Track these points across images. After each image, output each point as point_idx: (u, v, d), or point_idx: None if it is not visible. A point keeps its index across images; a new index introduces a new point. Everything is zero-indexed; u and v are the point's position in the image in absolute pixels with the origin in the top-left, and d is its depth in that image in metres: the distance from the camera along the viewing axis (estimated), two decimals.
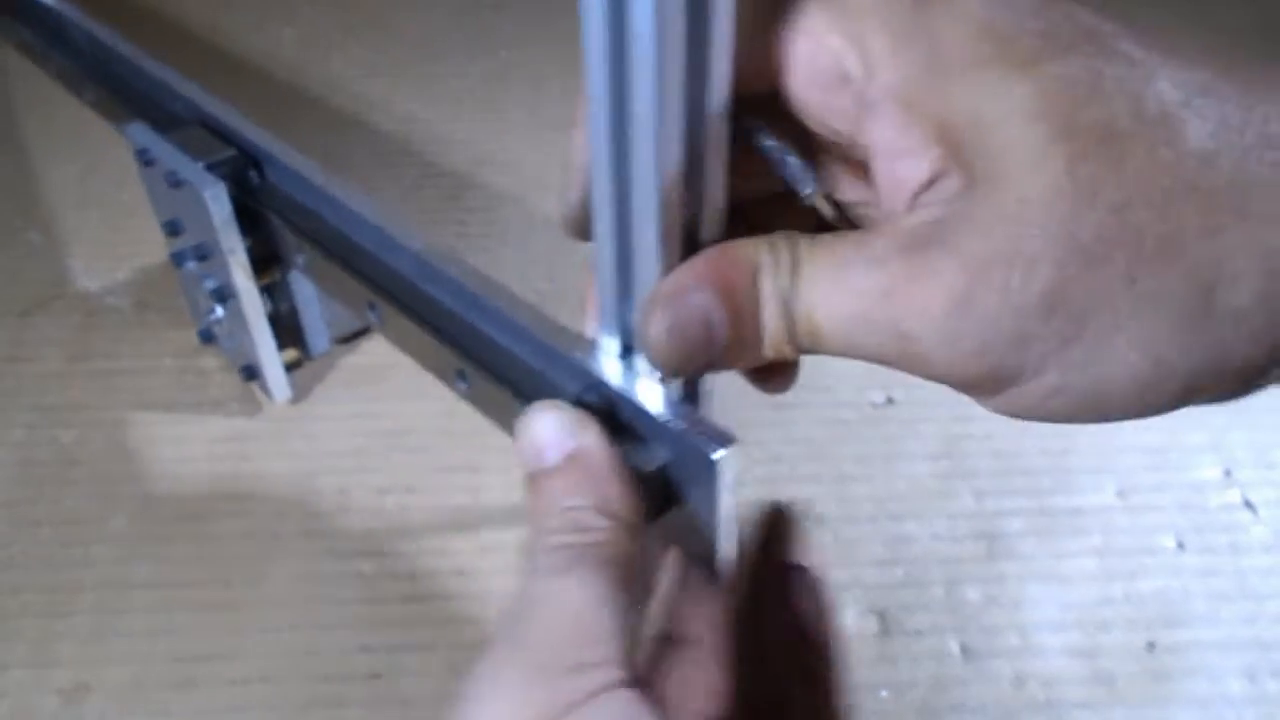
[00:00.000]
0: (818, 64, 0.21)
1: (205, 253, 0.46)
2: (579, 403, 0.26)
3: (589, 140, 0.23)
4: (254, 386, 0.52)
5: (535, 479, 0.23)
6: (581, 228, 0.25)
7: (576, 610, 0.20)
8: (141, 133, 0.46)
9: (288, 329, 0.50)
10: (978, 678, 0.42)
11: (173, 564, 0.44)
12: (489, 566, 0.45)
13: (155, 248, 0.58)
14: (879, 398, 0.53)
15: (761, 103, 0.22)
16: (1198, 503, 0.49)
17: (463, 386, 0.34)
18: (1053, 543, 0.47)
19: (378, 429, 0.50)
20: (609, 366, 0.27)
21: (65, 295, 0.56)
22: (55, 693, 0.40)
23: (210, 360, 0.53)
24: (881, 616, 0.44)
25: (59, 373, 0.52)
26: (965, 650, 0.43)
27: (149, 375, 0.52)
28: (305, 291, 0.49)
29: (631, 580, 0.22)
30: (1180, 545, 0.47)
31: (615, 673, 0.20)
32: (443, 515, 0.46)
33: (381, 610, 0.43)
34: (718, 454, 0.24)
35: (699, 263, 0.23)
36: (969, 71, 0.19)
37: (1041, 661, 0.42)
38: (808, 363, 0.26)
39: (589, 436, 0.24)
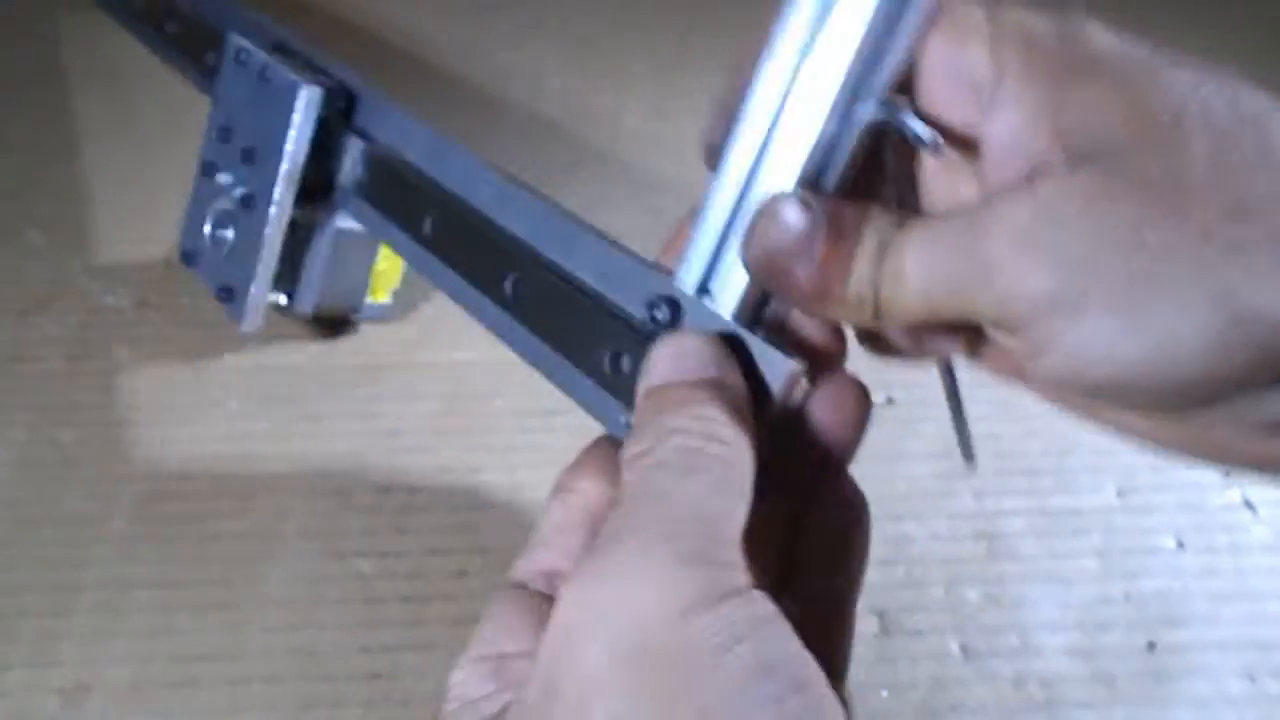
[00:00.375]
0: (958, 67, 0.23)
1: (254, 158, 0.45)
2: (648, 314, 0.28)
3: (755, 88, 0.25)
4: (254, 386, 0.52)
5: (671, 387, 0.24)
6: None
7: (713, 510, 0.21)
8: (242, 37, 0.47)
9: (285, 273, 0.49)
10: (978, 678, 0.42)
11: (173, 564, 0.44)
12: (489, 566, 0.45)
13: (156, 247, 0.58)
14: (879, 398, 0.53)
15: None
16: (1198, 502, 0.49)
17: (510, 293, 0.34)
18: (1053, 543, 0.47)
19: (378, 429, 0.50)
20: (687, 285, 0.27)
21: (65, 295, 0.56)
22: (55, 693, 0.40)
23: (210, 360, 0.53)
24: (881, 616, 0.44)
25: (59, 372, 0.52)
26: (965, 650, 0.43)
27: (149, 375, 0.52)
28: (321, 248, 0.49)
29: (747, 500, 0.22)
30: (1180, 545, 0.47)
31: (748, 576, 0.21)
32: (443, 515, 0.46)
33: (381, 610, 0.43)
34: (789, 367, 0.25)
35: (821, 195, 0.24)
36: (1085, 84, 0.21)
37: (1041, 661, 0.42)
38: None
39: (733, 373, 0.25)
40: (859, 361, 0.27)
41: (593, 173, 0.65)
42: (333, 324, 0.54)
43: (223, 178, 0.47)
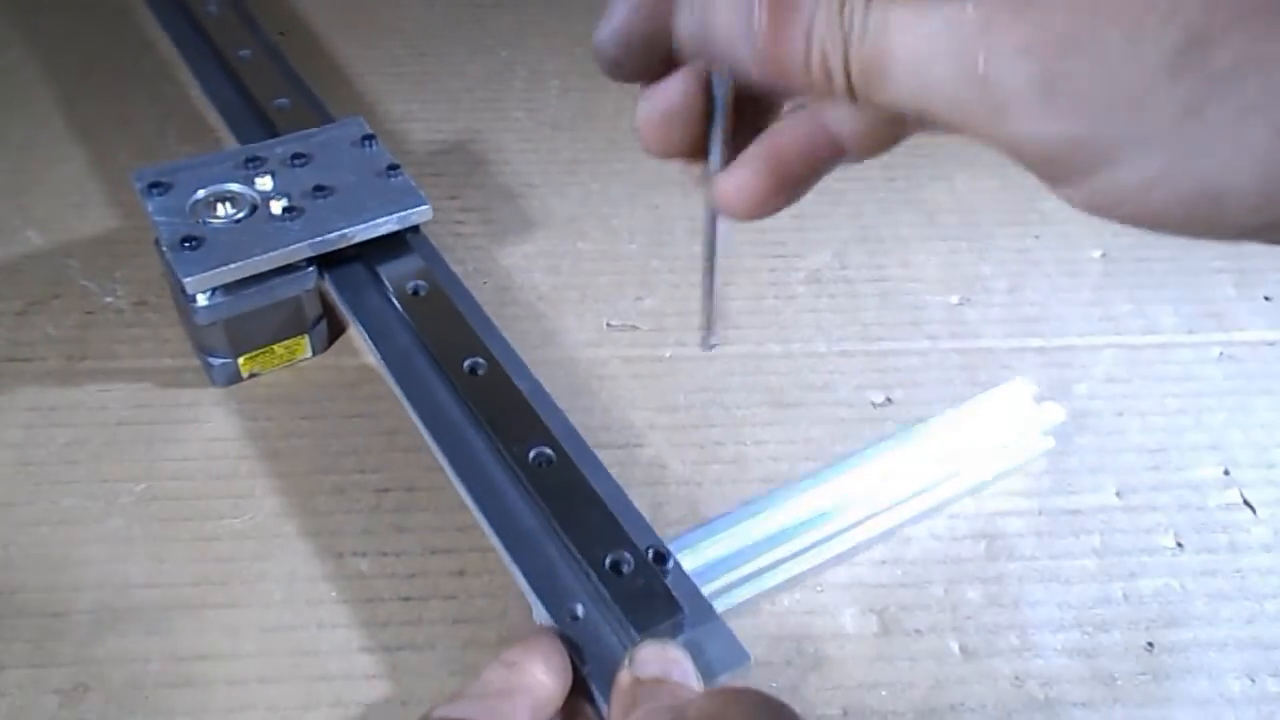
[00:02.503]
0: None
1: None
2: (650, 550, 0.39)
3: None
4: (253, 386, 0.52)
5: (647, 681, 0.32)
6: (615, 62, 0.25)
7: None
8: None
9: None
10: (977, 677, 0.42)
11: (172, 564, 0.44)
12: (489, 566, 0.44)
13: (155, 247, 0.58)
14: (878, 397, 0.53)
15: None
16: (1197, 502, 0.49)
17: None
18: (1053, 543, 0.47)
19: (377, 429, 0.50)
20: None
21: (64, 294, 0.56)
22: (54, 693, 0.40)
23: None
24: (881, 616, 0.44)
25: (57, 372, 0.52)
26: (965, 650, 0.43)
27: (148, 375, 0.52)
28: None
29: None
30: (1179, 545, 0.47)
31: None
32: (442, 515, 0.46)
33: (381, 610, 0.43)
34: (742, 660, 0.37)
35: None
36: None
37: (1041, 661, 0.42)
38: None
39: (689, 669, 0.33)
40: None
41: (593, 173, 0.65)
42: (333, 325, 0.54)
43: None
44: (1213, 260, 0.62)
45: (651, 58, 0.24)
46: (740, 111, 0.25)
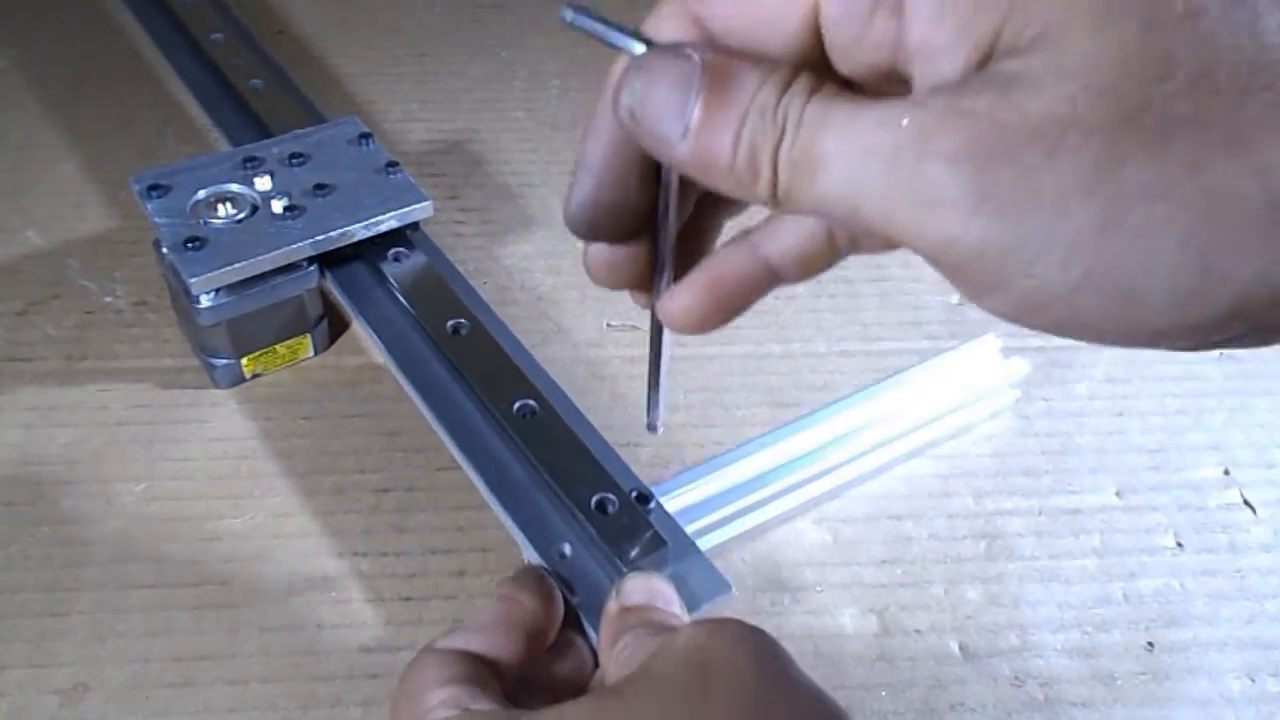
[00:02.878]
0: None
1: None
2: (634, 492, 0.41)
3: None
4: (253, 385, 0.52)
5: (633, 610, 0.34)
6: (585, 227, 0.26)
7: None
8: None
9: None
10: (977, 677, 0.42)
11: (172, 564, 0.44)
12: (489, 566, 0.44)
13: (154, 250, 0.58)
14: None
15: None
16: (1197, 502, 0.49)
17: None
18: (1052, 543, 0.47)
19: (377, 429, 0.50)
20: None
21: (64, 294, 0.56)
22: (54, 693, 0.40)
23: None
24: (881, 616, 0.44)
25: (57, 372, 0.52)
26: (965, 650, 0.43)
27: (148, 375, 0.52)
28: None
29: None
30: (1179, 545, 0.47)
31: None
32: (443, 515, 0.46)
33: (381, 610, 0.43)
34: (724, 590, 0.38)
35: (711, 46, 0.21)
36: None
37: (1041, 661, 0.42)
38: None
39: (673, 597, 0.35)
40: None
41: None
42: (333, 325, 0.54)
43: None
44: None
45: (620, 224, 0.26)
46: (689, 220, 0.27)
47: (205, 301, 0.47)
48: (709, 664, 0.28)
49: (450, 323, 0.46)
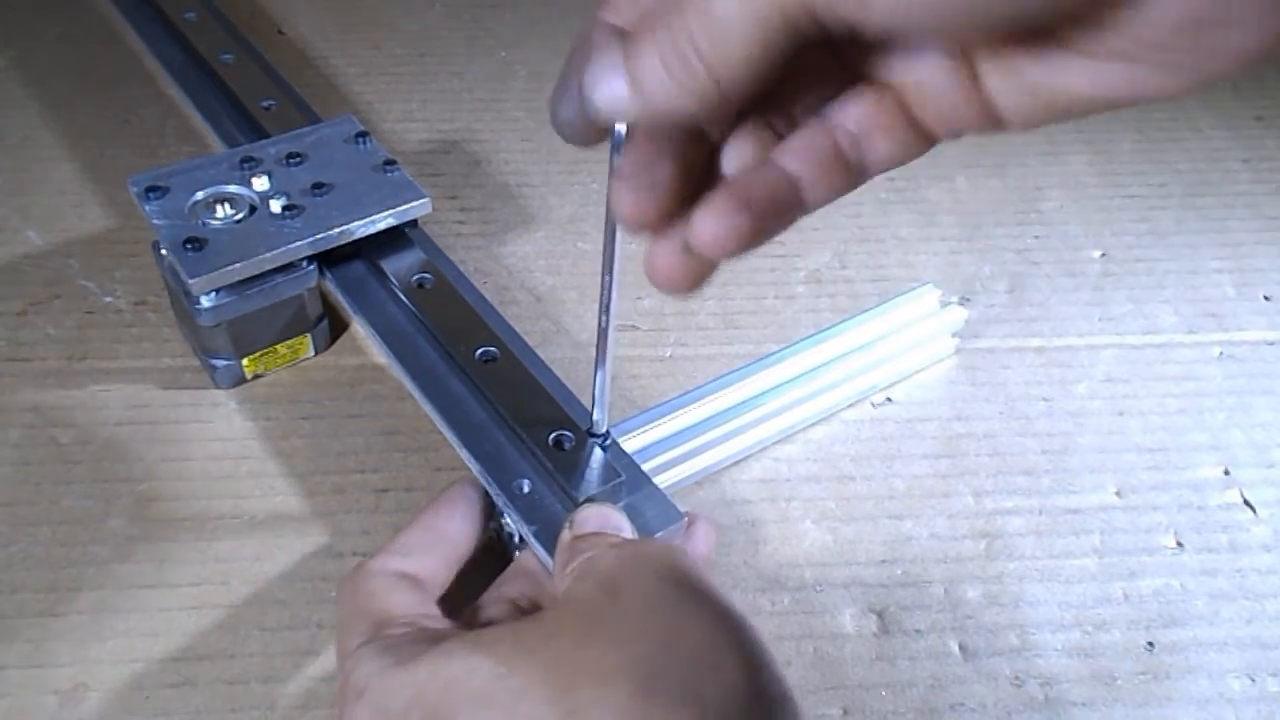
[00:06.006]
0: None
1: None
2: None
3: None
4: (253, 385, 0.52)
5: (585, 537, 0.35)
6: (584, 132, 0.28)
7: None
8: None
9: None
10: (977, 677, 0.42)
11: (172, 564, 0.44)
12: None
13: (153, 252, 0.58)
14: (879, 397, 0.53)
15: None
16: (1197, 502, 0.49)
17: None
18: (1053, 542, 0.47)
19: (377, 429, 0.50)
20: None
21: (64, 294, 0.56)
22: (53, 693, 0.40)
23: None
24: (881, 616, 0.44)
25: (57, 372, 0.52)
26: (965, 650, 0.43)
27: (148, 375, 0.52)
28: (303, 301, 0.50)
29: None
30: (1179, 545, 0.47)
31: None
32: None
33: None
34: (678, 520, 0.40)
35: None
36: None
37: (1041, 661, 0.42)
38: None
39: (625, 525, 0.37)
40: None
41: (593, 172, 0.65)
42: (333, 324, 0.54)
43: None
44: (1212, 260, 0.62)
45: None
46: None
47: (205, 302, 0.47)
48: (619, 584, 0.30)
49: (415, 277, 0.49)
